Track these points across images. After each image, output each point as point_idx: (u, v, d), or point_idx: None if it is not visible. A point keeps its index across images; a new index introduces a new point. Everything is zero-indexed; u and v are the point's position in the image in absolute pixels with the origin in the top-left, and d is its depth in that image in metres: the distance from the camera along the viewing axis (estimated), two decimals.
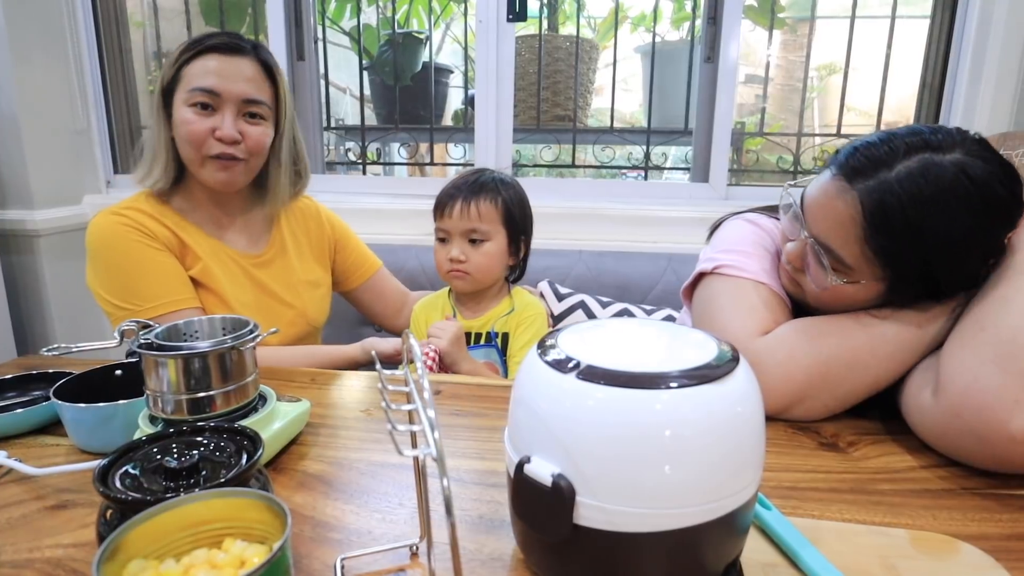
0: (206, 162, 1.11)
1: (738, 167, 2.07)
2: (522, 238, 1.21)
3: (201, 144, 1.09)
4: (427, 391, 0.37)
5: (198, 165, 1.12)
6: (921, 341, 0.78)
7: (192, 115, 1.08)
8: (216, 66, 1.08)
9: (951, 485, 0.67)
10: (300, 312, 1.25)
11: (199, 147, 1.09)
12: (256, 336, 0.69)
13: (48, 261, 2.00)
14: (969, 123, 1.74)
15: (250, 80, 1.11)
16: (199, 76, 1.08)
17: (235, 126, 1.09)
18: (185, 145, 1.10)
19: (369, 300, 1.43)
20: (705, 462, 0.42)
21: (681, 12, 2.48)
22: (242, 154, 1.12)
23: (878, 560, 0.52)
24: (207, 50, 1.09)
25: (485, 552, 0.54)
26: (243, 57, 1.11)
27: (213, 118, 1.09)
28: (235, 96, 1.09)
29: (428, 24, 2.34)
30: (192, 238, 1.15)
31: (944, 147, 0.72)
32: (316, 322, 1.30)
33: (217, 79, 1.08)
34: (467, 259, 1.15)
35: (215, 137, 1.09)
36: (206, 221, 1.19)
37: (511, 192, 1.18)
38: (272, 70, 1.15)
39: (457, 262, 1.16)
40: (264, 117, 1.14)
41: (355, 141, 2.21)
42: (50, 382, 0.79)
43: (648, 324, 0.56)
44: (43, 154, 1.98)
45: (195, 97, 1.08)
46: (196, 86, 1.07)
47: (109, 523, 0.47)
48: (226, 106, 1.09)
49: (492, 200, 1.15)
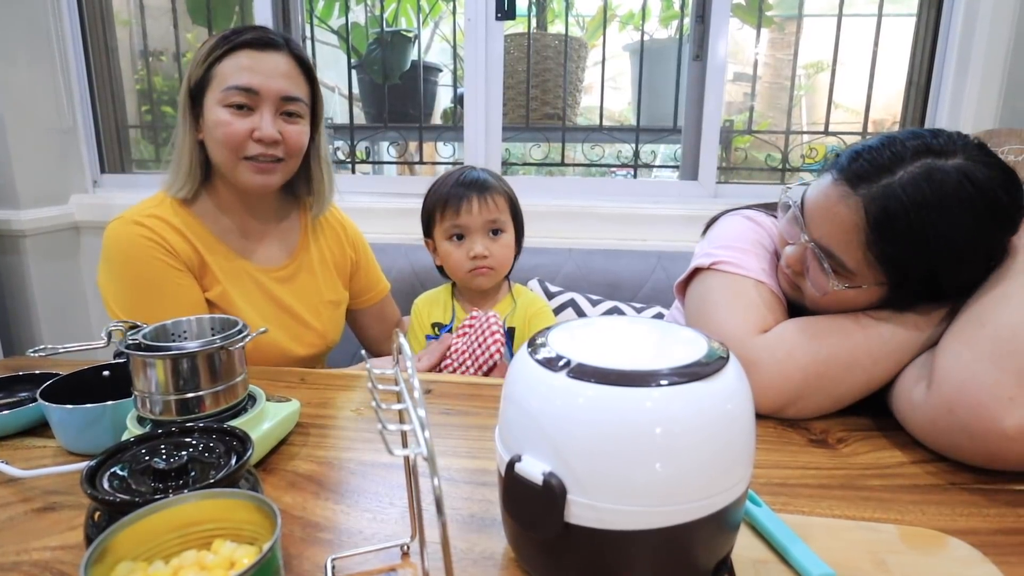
0: (241, 164, 1.05)
1: (727, 165, 2.08)
2: (521, 226, 1.25)
3: (240, 146, 1.04)
4: (417, 390, 0.37)
5: (232, 168, 1.06)
6: (918, 342, 0.78)
7: (229, 116, 1.02)
8: (251, 63, 1.03)
9: (940, 480, 0.68)
10: (320, 333, 1.20)
11: (237, 149, 1.04)
12: (245, 336, 0.69)
13: (35, 261, 1.98)
14: (955, 120, 1.75)
15: (287, 76, 1.06)
16: (234, 74, 1.02)
17: (275, 125, 1.04)
18: (220, 148, 1.04)
19: (369, 323, 1.38)
20: (695, 459, 0.42)
21: (669, 10, 2.49)
22: (282, 155, 1.07)
23: (868, 555, 0.52)
24: (240, 46, 1.03)
25: (476, 551, 0.54)
26: (277, 52, 1.05)
27: (251, 118, 1.03)
28: (274, 94, 1.04)
29: (417, 22, 2.33)
30: (213, 256, 1.09)
31: (946, 152, 0.72)
32: (332, 342, 1.26)
33: (254, 76, 1.02)
34: (490, 253, 1.16)
35: (254, 138, 1.04)
36: (232, 230, 1.13)
37: (506, 185, 1.23)
38: (307, 65, 1.10)
39: (482, 257, 1.16)
40: (301, 115, 1.09)
41: (344, 140, 2.20)
42: (37, 383, 0.79)
43: (638, 322, 0.56)
44: (29, 153, 1.97)
45: (231, 97, 1.02)
46: (232, 84, 1.02)
47: (97, 525, 0.46)
48: (264, 105, 1.04)
49: (501, 193, 1.19)
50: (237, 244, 1.14)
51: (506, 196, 1.20)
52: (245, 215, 1.15)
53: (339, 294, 1.27)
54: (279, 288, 1.16)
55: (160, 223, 1.05)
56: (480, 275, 1.18)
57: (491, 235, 1.18)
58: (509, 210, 1.20)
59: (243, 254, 1.14)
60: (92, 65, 2.13)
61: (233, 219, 1.14)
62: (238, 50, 1.03)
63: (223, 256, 1.11)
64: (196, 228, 1.09)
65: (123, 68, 2.21)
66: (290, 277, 1.18)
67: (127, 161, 2.26)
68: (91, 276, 2.11)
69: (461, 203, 1.15)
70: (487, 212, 1.15)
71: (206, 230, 1.10)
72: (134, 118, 2.28)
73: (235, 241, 1.14)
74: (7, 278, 1.99)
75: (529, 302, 1.24)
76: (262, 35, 1.05)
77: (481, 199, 1.15)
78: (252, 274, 1.14)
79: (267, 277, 1.15)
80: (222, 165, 1.07)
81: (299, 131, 1.09)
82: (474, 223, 1.16)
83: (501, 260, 1.19)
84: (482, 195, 1.15)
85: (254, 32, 1.05)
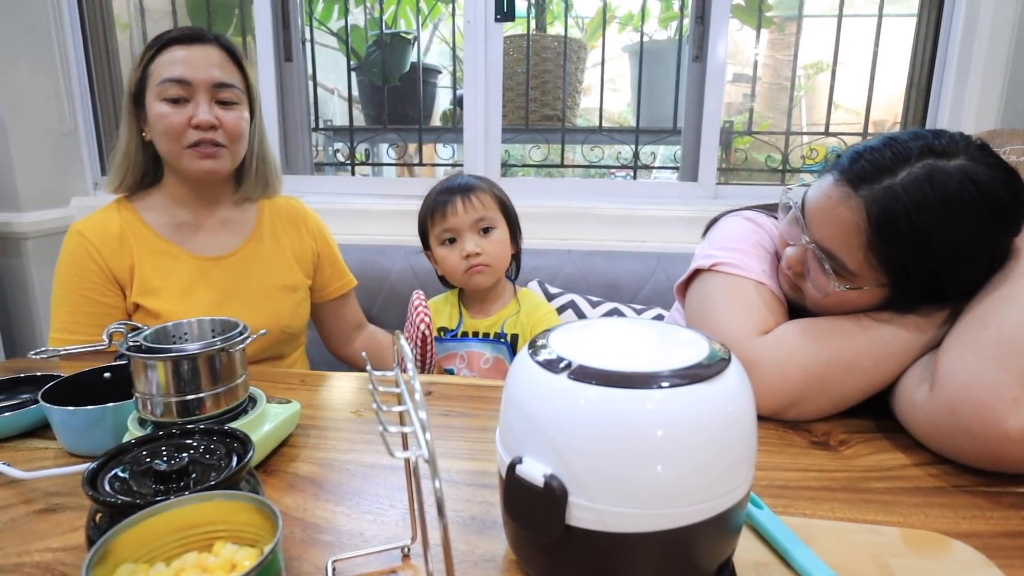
0: (185, 153, 1.11)
1: (727, 166, 2.08)
2: (517, 227, 1.26)
3: (180, 135, 1.09)
4: (418, 392, 0.37)
5: (178, 157, 1.11)
6: (920, 344, 0.77)
7: (167, 108, 1.08)
8: (182, 55, 1.09)
9: (942, 483, 0.67)
10: (270, 315, 1.21)
11: (178, 138, 1.09)
12: (246, 338, 0.69)
13: (36, 263, 1.98)
14: (957, 121, 1.75)
15: (217, 65, 1.11)
16: (167, 68, 1.08)
17: (211, 111, 1.09)
18: (163, 139, 1.10)
19: (326, 319, 1.40)
20: (697, 461, 0.42)
21: (669, 11, 2.49)
22: (223, 140, 1.12)
23: (870, 558, 0.52)
24: (169, 43, 1.09)
25: (477, 553, 0.54)
26: (207, 45, 1.11)
27: (187, 108, 1.09)
28: (205, 82, 1.09)
29: (416, 24, 2.34)
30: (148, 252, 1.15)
31: (949, 153, 0.72)
32: (290, 328, 1.25)
33: (185, 68, 1.08)
34: (482, 250, 1.18)
35: (192, 126, 1.09)
36: (182, 224, 1.18)
37: (493, 184, 1.25)
38: (236, 55, 1.15)
39: (475, 255, 1.17)
40: (237, 102, 1.14)
41: (343, 142, 2.21)
42: (38, 385, 0.79)
43: (639, 323, 0.56)
44: (30, 156, 1.97)
45: (167, 90, 1.08)
46: (165, 77, 1.08)
47: (99, 527, 0.46)
48: (198, 93, 1.09)
49: (486, 191, 1.21)
50: (178, 237, 1.18)
51: (493, 195, 1.22)
52: (198, 206, 1.20)
53: (295, 279, 1.27)
54: (224, 275, 1.19)
55: (101, 229, 1.14)
56: (475, 273, 1.19)
57: (481, 233, 1.19)
58: (498, 208, 1.22)
59: (184, 246, 1.18)
60: (93, 68, 2.13)
61: (183, 211, 1.19)
62: (168, 47, 1.10)
63: (161, 250, 1.16)
64: (137, 227, 1.16)
65: (123, 71, 2.21)
66: (238, 263, 1.21)
67: None
68: None
69: (447, 206, 1.18)
70: (472, 211, 1.18)
71: (148, 228, 1.17)
72: None
73: (177, 235, 1.18)
74: (8, 280, 1.99)
75: (533, 308, 1.24)
76: (190, 31, 1.12)
77: (465, 199, 1.18)
78: (193, 264, 1.17)
79: (210, 265, 1.19)
80: (168, 156, 1.13)
81: (236, 116, 1.13)
82: (462, 223, 1.18)
83: (495, 256, 1.19)
84: (466, 195, 1.18)
85: (182, 30, 1.12)
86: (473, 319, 1.23)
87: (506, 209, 1.23)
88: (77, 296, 1.12)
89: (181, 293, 1.15)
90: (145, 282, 1.14)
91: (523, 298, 1.26)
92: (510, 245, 1.24)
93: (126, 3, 2.22)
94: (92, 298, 1.12)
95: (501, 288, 1.26)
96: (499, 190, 1.25)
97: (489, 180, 1.25)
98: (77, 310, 1.12)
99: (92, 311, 1.12)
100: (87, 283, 1.12)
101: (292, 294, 1.26)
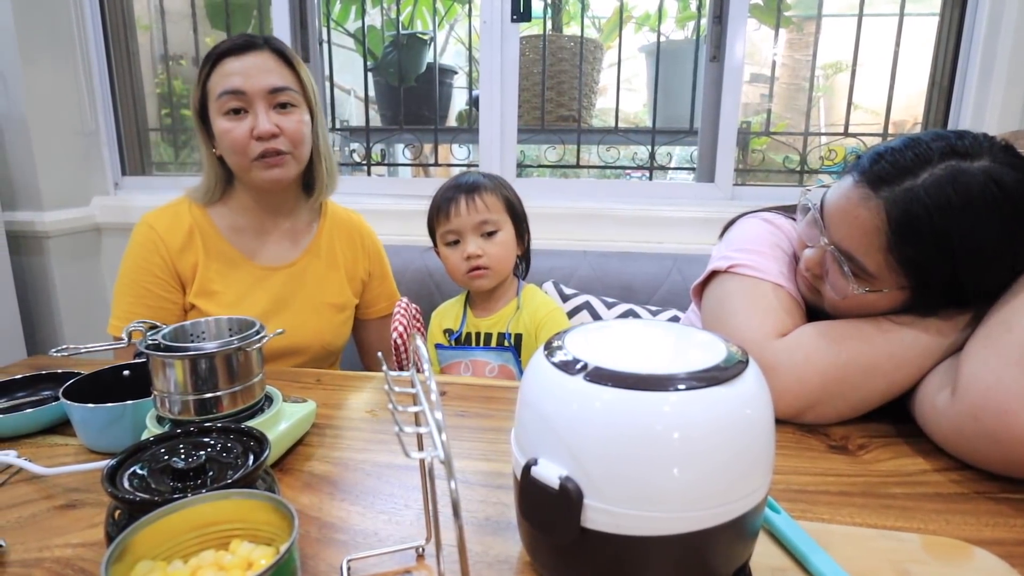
0: (253, 166, 1.11)
1: (744, 167, 2.06)
2: (524, 226, 1.24)
3: (244, 149, 1.09)
4: (434, 393, 0.37)
5: (247, 171, 1.12)
6: (941, 348, 0.76)
7: (228, 123, 1.09)
8: (236, 66, 1.09)
9: (964, 489, 0.66)
10: (316, 332, 1.22)
11: (243, 152, 1.10)
12: (263, 337, 0.69)
13: (57, 262, 2.01)
14: (979, 121, 1.73)
15: (270, 71, 1.10)
16: (222, 81, 1.09)
17: (269, 120, 1.09)
18: (231, 154, 1.11)
19: (368, 337, 1.39)
20: (714, 465, 0.42)
21: (686, 11, 2.47)
22: (285, 147, 1.12)
23: (890, 565, 0.52)
24: (221, 56, 1.10)
25: (492, 554, 0.54)
26: (257, 51, 1.11)
27: (247, 119, 1.09)
28: (261, 90, 1.09)
29: (432, 25, 2.34)
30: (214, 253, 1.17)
31: (972, 154, 0.71)
32: (332, 346, 1.26)
33: (240, 78, 1.08)
34: (484, 253, 1.16)
35: (254, 137, 1.09)
36: (244, 229, 1.20)
37: (503, 183, 1.22)
38: (288, 57, 1.14)
39: (475, 257, 1.15)
40: (295, 104, 1.13)
41: (360, 142, 2.21)
42: (59, 382, 0.80)
43: (655, 325, 0.56)
44: (52, 156, 2.00)
45: (225, 103, 1.08)
46: (222, 91, 1.08)
47: (117, 523, 0.47)
48: (256, 102, 1.09)
49: (492, 192, 1.18)
50: (242, 243, 1.20)
51: (500, 195, 1.18)
52: (262, 214, 1.21)
53: (344, 298, 1.28)
54: (278, 286, 1.20)
55: (171, 224, 1.16)
56: (477, 277, 1.17)
57: (485, 236, 1.17)
58: (504, 209, 1.18)
59: (247, 253, 1.20)
60: (114, 70, 2.16)
61: (249, 218, 1.21)
62: (221, 60, 1.10)
63: (225, 255, 1.18)
64: (205, 227, 1.18)
65: (144, 72, 2.24)
66: (293, 275, 1.22)
67: (147, 163, 2.29)
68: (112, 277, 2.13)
69: (451, 206, 1.16)
70: (475, 213, 1.15)
71: (215, 229, 1.19)
72: (154, 121, 2.31)
73: (241, 241, 1.20)
74: (30, 279, 2.02)
75: (537, 307, 1.21)
76: (241, 40, 1.11)
77: (469, 199, 1.15)
78: (252, 272, 1.19)
79: (267, 274, 1.20)
80: (237, 170, 1.15)
81: (296, 120, 1.13)
82: (464, 225, 1.16)
83: (497, 260, 1.17)
84: (470, 195, 1.15)
85: (233, 40, 1.11)
86: (477, 318, 1.21)
87: (513, 209, 1.21)
88: (140, 288, 1.14)
89: (236, 299, 1.16)
90: (205, 284, 1.15)
91: (526, 296, 1.23)
92: (516, 246, 1.21)
93: (147, 5, 2.24)
94: (154, 292, 1.14)
95: (506, 287, 1.24)
96: (507, 189, 1.22)
97: (498, 178, 1.23)
98: (138, 302, 1.14)
99: (152, 305, 1.14)
100: (151, 277, 1.14)
101: (339, 313, 1.27)
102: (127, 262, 1.16)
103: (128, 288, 1.15)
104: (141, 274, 1.14)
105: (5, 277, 1.89)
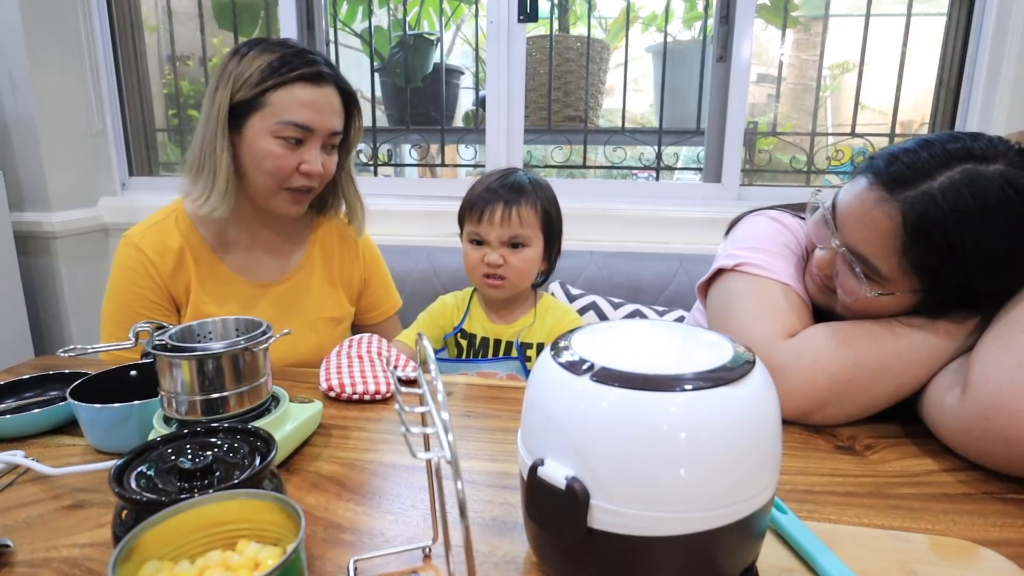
0: (281, 193, 1.08)
1: (751, 167, 2.06)
2: (556, 243, 1.18)
3: (287, 178, 1.06)
4: (441, 393, 0.37)
5: (271, 195, 1.08)
6: (949, 351, 0.76)
7: (280, 148, 1.03)
8: (308, 98, 1.03)
9: (972, 489, 0.66)
10: (314, 347, 1.17)
11: (284, 180, 1.06)
12: (269, 337, 0.70)
13: (65, 263, 2.02)
14: (987, 122, 1.72)
15: (335, 112, 1.07)
16: (290, 108, 1.02)
17: (318, 160, 1.06)
18: (265, 176, 1.05)
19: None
20: (721, 465, 0.42)
21: (693, 12, 2.47)
22: (318, 184, 1.10)
23: (897, 565, 0.51)
24: (296, 79, 1.02)
25: (498, 555, 0.54)
26: (329, 87, 1.06)
27: (299, 151, 1.05)
28: (325, 130, 1.06)
29: (439, 25, 2.34)
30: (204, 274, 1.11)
31: (988, 157, 0.70)
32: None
33: (312, 113, 1.03)
34: (505, 263, 1.10)
35: (300, 171, 1.05)
36: (236, 242, 1.15)
37: (547, 195, 1.15)
38: (350, 96, 1.11)
39: (494, 267, 1.10)
40: (336, 145, 1.12)
41: (366, 143, 2.22)
42: (67, 382, 0.80)
43: (661, 325, 0.56)
44: (59, 157, 2.01)
45: (286, 130, 1.02)
46: (290, 120, 1.02)
47: (124, 523, 0.47)
48: (315, 140, 1.05)
49: (532, 205, 1.11)
50: (233, 260, 1.15)
51: (539, 208, 1.11)
52: (260, 227, 1.17)
53: (342, 310, 1.25)
54: (272, 303, 1.16)
55: (160, 245, 1.09)
56: (490, 286, 1.13)
57: (511, 247, 1.11)
58: (540, 225, 1.12)
59: (238, 270, 1.15)
60: (121, 70, 2.17)
61: (243, 230, 1.15)
62: (294, 83, 1.02)
63: (216, 274, 1.13)
64: (196, 244, 1.12)
65: (151, 73, 2.25)
66: (287, 292, 1.18)
67: (154, 164, 2.30)
68: None
69: (484, 211, 1.10)
70: (507, 227, 1.09)
71: (205, 245, 1.13)
72: (161, 122, 2.32)
73: (232, 258, 1.15)
74: (38, 279, 2.03)
75: (557, 319, 1.17)
76: (316, 69, 1.04)
77: (506, 211, 1.08)
78: (246, 291, 1.15)
79: (263, 291, 1.16)
80: (262, 190, 1.08)
81: (335, 161, 1.11)
82: (494, 234, 1.10)
83: (517, 273, 1.11)
84: (508, 206, 1.09)
85: (307, 64, 1.04)
86: (493, 324, 1.18)
87: (549, 224, 1.14)
88: (133, 313, 1.09)
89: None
90: (199, 307, 1.11)
91: (544, 309, 1.19)
92: (541, 262, 1.16)
93: (154, 6, 2.25)
94: (147, 316, 1.08)
95: (524, 295, 1.20)
96: (551, 203, 1.15)
97: (544, 187, 1.15)
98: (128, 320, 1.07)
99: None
100: (144, 302, 1.09)
101: (337, 326, 1.25)
102: (115, 286, 1.10)
103: (118, 313, 1.10)
104: (132, 299, 1.09)
105: (13, 277, 1.90)
